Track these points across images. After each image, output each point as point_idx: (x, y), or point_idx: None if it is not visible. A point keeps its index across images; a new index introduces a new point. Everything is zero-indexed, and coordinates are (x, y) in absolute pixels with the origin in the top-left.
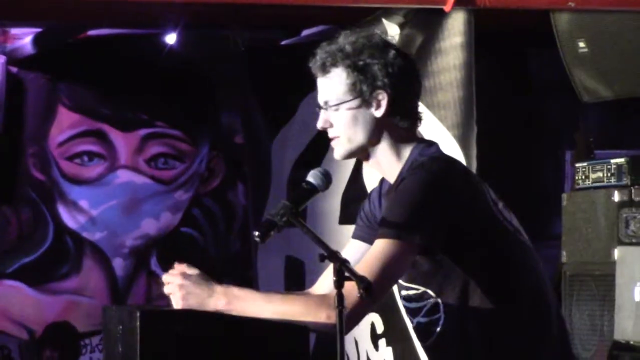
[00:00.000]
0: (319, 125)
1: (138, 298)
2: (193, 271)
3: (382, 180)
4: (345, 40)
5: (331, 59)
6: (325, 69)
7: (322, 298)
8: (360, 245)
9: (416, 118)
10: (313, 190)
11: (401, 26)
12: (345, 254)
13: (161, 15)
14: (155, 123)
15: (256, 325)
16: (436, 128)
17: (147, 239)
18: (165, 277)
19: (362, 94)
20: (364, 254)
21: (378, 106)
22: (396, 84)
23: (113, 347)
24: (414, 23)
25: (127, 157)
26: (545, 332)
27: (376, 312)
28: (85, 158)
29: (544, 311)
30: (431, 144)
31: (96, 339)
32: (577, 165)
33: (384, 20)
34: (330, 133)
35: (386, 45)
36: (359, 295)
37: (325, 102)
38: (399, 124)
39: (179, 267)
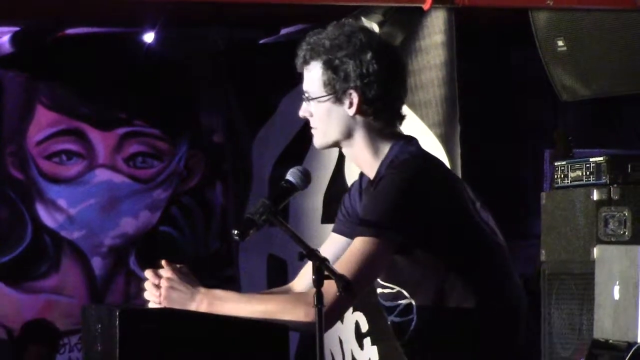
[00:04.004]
0: (300, 113)
1: (117, 297)
2: (182, 268)
3: (362, 175)
4: (330, 32)
5: (311, 52)
6: (306, 61)
7: (300, 296)
8: (340, 239)
9: (394, 117)
10: (292, 188)
11: (380, 25)
12: (325, 248)
13: (140, 14)
14: (133, 122)
15: (236, 324)
16: (417, 126)
17: (126, 238)
18: (148, 273)
19: (335, 91)
20: (344, 248)
21: (350, 105)
22: (369, 85)
23: (92, 346)
24: (394, 21)
25: (105, 156)
26: (513, 336)
27: (360, 311)
28: (64, 157)
29: (514, 315)
30: (411, 140)
31: (75, 338)
32: (556, 164)
33: (363, 19)
34: (311, 122)
35: (365, 45)
36: (338, 293)
37: (307, 93)
38: (372, 123)
39: (167, 265)
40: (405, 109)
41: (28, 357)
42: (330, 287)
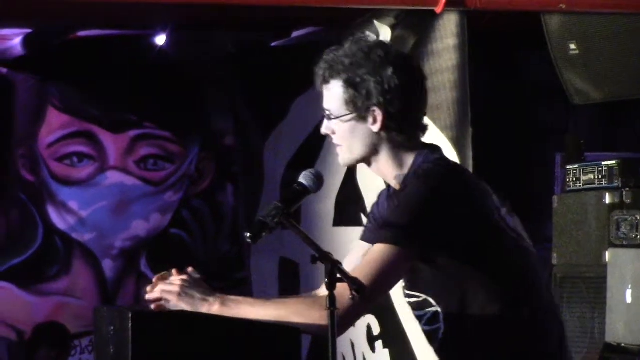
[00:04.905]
0: (323, 131)
1: (127, 299)
2: (195, 275)
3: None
4: (348, 50)
5: (330, 71)
6: (325, 79)
7: (316, 299)
8: (368, 247)
9: (417, 130)
10: (305, 191)
11: (392, 28)
12: (353, 255)
13: (151, 17)
14: (144, 124)
15: (247, 326)
16: (429, 130)
17: (137, 240)
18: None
19: (357, 109)
20: None
21: (374, 121)
22: (392, 101)
23: (104, 348)
24: (406, 24)
25: (116, 158)
26: (542, 343)
27: (372, 313)
28: (75, 159)
29: (545, 319)
30: (435, 148)
31: (86, 340)
32: (568, 167)
33: (375, 22)
34: (334, 139)
35: (385, 61)
36: (350, 296)
37: (327, 112)
38: (396, 138)
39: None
40: None
41: None
42: (346, 292)
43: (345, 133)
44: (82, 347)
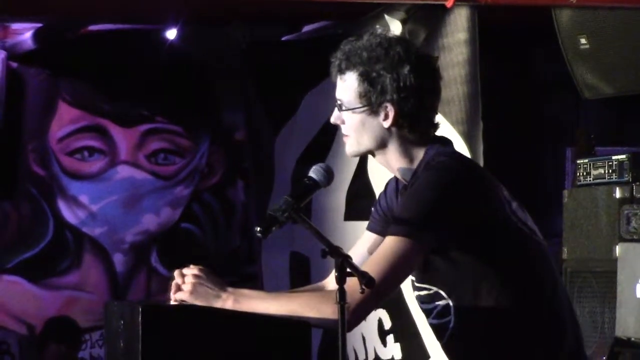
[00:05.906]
0: (332, 120)
1: (138, 294)
2: (206, 270)
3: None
4: (367, 42)
5: (346, 62)
6: (341, 70)
7: (328, 293)
8: (375, 238)
9: (429, 127)
10: (315, 185)
11: (403, 22)
12: (359, 245)
13: (162, 11)
14: (155, 118)
15: (257, 320)
16: (441, 124)
17: (148, 235)
18: (176, 273)
19: (370, 104)
20: (378, 246)
21: (386, 117)
22: (406, 99)
23: (114, 343)
24: (417, 19)
25: (127, 153)
26: (558, 339)
27: (383, 308)
28: (86, 153)
29: (558, 314)
30: (446, 142)
31: (96, 335)
32: (578, 161)
33: (386, 16)
34: (343, 130)
35: (404, 59)
36: (360, 290)
37: (339, 102)
38: (407, 135)
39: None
40: None
41: (49, 354)
42: (356, 286)
43: (355, 125)
44: (93, 342)
